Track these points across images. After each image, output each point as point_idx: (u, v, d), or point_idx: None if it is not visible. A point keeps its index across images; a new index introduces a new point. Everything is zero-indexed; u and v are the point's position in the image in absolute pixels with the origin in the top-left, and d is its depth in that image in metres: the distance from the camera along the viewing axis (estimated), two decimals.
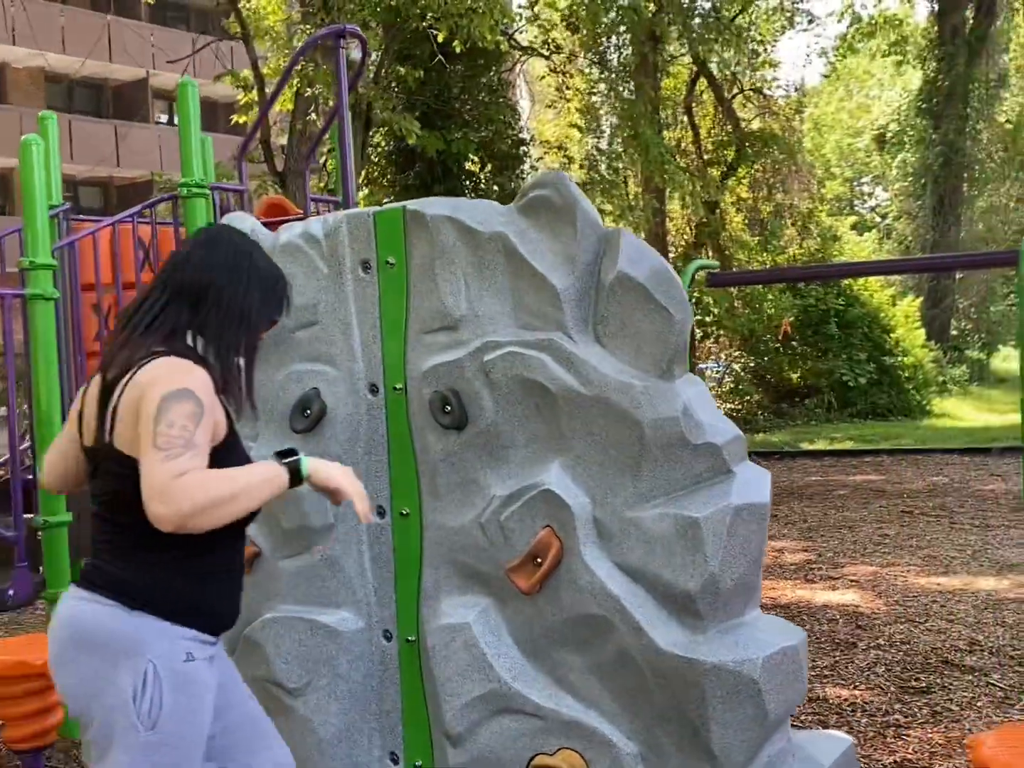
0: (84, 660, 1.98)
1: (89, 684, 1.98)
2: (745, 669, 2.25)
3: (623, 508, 2.44)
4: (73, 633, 2.01)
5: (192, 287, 2.10)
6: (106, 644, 1.97)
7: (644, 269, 2.43)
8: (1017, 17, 29.19)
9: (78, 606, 2.02)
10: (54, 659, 2.05)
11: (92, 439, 2.07)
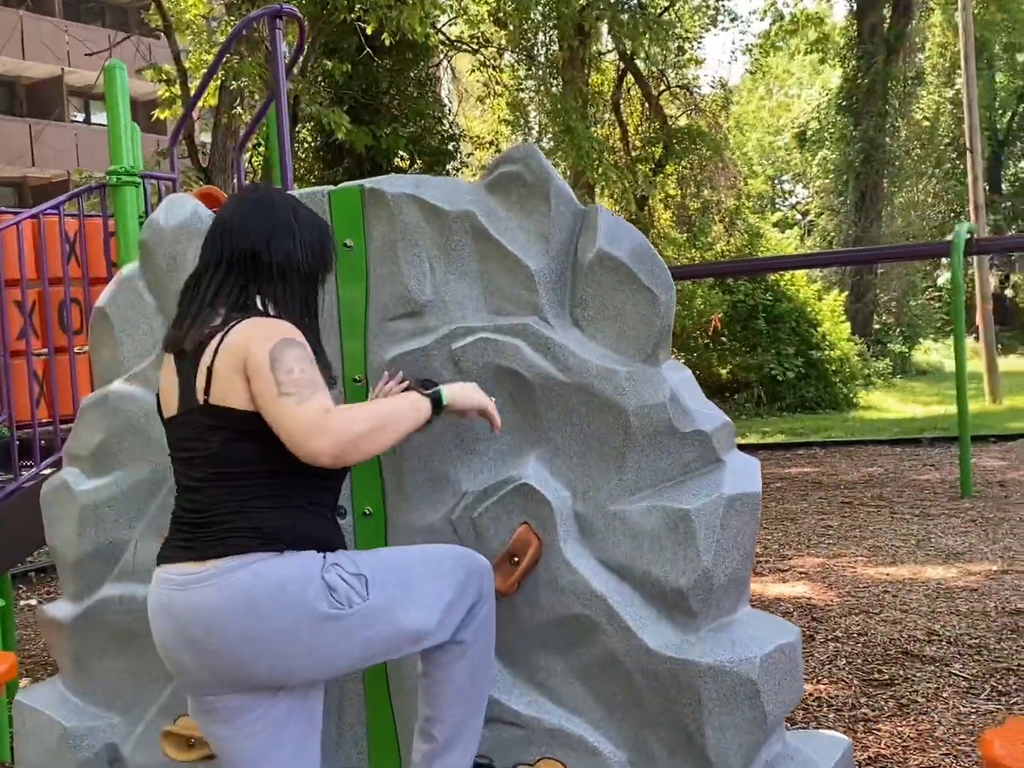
0: (274, 623, 1.94)
1: (290, 643, 1.95)
2: (743, 669, 2.12)
3: (607, 501, 2.29)
4: (243, 610, 1.94)
5: (244, 254, 2.12)
6: (280, 596, 1.95)
7: (625, 248, 2.29)
8: (932, 16, 29.82)
9: (227, 583, 1.95)
10: (241, 644, 1.94)
11: (177, 407, 2.10)
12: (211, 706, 2.04)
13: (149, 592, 2.10)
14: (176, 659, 2.03)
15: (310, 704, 2.10)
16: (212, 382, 2.01)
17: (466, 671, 2.19)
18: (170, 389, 2.14)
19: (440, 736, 2.20)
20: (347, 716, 2.67)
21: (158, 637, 2.06)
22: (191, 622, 1.97)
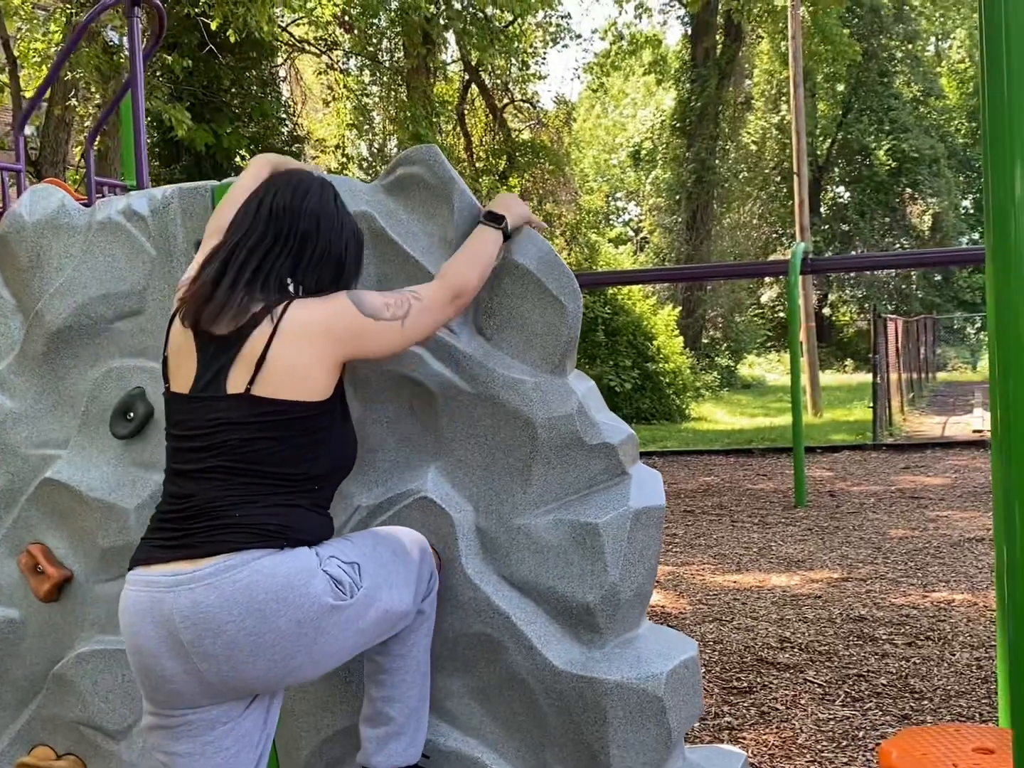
0: (278, 622, 1.85)
1: (293, 639, 1.87)
2: (649, 686, 2.09)
3: (511, 516, 2.23)
4: (245, 610, 1.84)
5: (295, 234, 2.03)
6: (287, 594, 1.86)
7: (531, 255, 2.23)
8: (761, 44, 31.13)
9: (230, 580, 1.85)
10: (238, 643, 1.83)
11: (192, 387, 1.98)
12: (179, 720, 1.90)
13: (124, 596, 1.93)
14: (157, 667, 1.87)
15: (271, 718, 2.00)
16: (261, 373, 1.93)
17: (423, 645, 2.16)
18: (184, 364, 2.01)
19: (399, 716, 2.13)
20: None
21: (138, 644, 1.89)
22: (184, 625, 1.84)
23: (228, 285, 1.99)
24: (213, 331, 1.98)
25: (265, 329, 1.94)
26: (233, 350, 1.96)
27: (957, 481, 10.06)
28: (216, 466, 1.94)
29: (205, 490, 1.93)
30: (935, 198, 33.99)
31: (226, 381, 1.95)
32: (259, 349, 1.93)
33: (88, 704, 2.49)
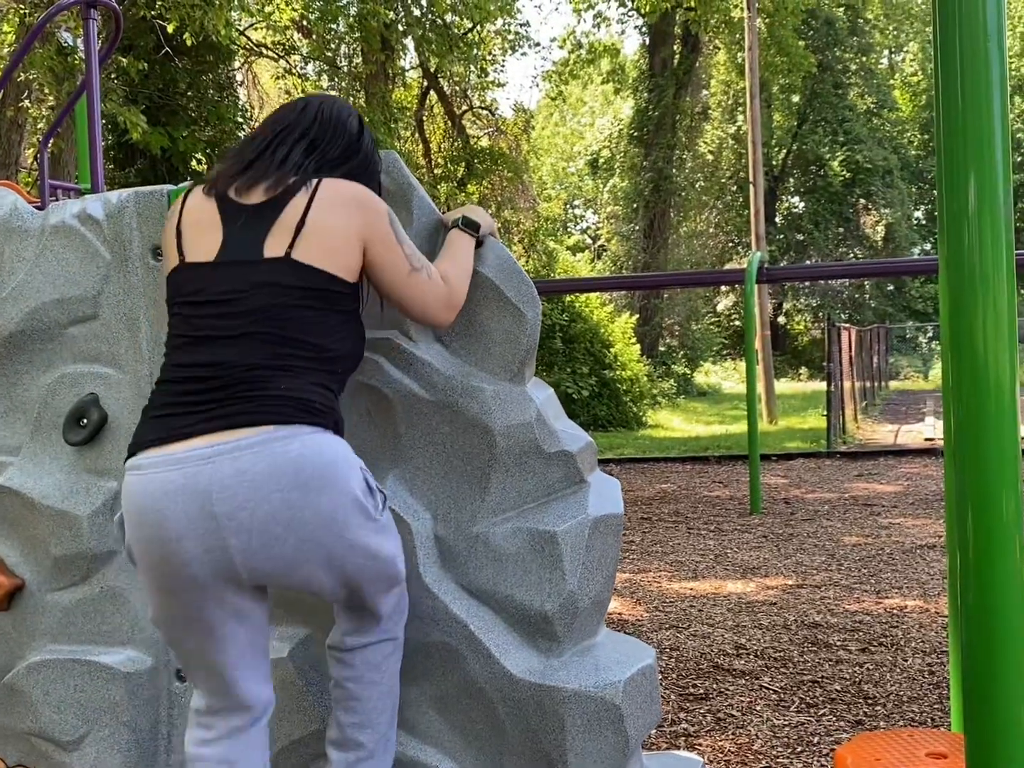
0: (320, 501, 1.86)
1: (327, 526, 1.87)
2: (607, 694, 2.09)
3: (469, 524, 2.22)
4: (291, 481, 1.83)
5: (340, 137, 2.13)
6: (331, 474, 1.88)
7: (490, 262, 2.23)
8: (718, 55, 31.41)
9: (281, 450, 1.84)
10: (278, 516, 1.82)
11: (219, 254, 1.98)
12: (193, 614, 1.90)
13: (137, 482, 1.87)
14: (179, 551, 1.83)
15: (267, 633, 2.05)
16: (300, 238, 1.96)
17: (393, 671, 2.13)
18: (206, 235, 2.01)
19: (369, 742, 2.11)
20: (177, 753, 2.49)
21: (158, 529, 1.83)
22: (223, 496, 1.81)
23: (267, 163, 2.05)
24: (244, 201, 2.02)
25: (302, 197, 1.99)
26: (269, 217, 1.98)
27: (909, 488, 10.19)
28: (254, 332, 1.92)
29: (244, 356, 1.90)
30: (888, 209, 34.46)
31: (262, 246, 1.97)
32: (298, 214, 1.97)
33: (40, 715, 2.45)
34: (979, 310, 1.56)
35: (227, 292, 1.95)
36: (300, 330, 1.94)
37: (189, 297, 2.00)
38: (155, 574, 1.89)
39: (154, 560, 1.87)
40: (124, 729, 2.45)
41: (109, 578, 2.48)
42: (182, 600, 1.89)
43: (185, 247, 2.03)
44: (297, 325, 1.94)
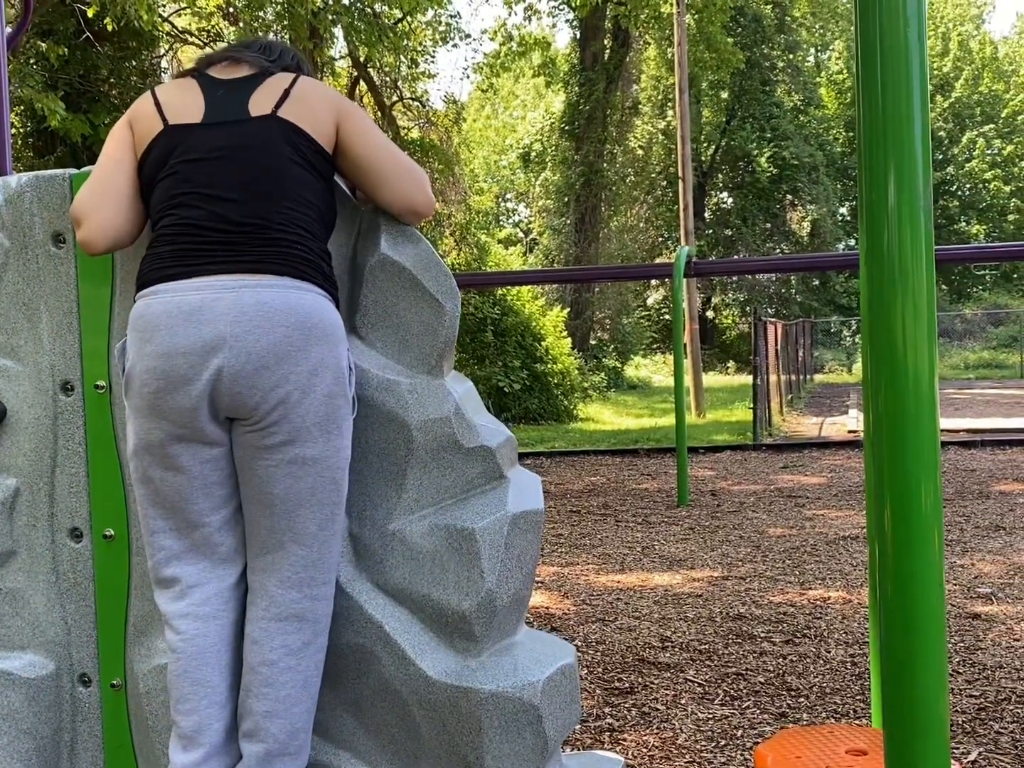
0: (313, 349, 1.97)
1: (313, 372, 1.98)
2: (525, 695, 2.04)
3: (385, 521, 2.16)
4: (300, 322, 1.96)
5: (293, 58, 2.30)
6: (330, 333, 2.01)
7: (408, 253, 2.17)
8: (648, 50, 31.58)
9: (297, 296, 1.98)
10: (276, 348, 1.94)
11: (204, 116, 2.07)
12: (177, 432, 1.99)
13: (153, 304, 1.98)
14: (183, 364, 1.94)
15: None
16: (288, 101, 2.08)
17: (314, 661, 2.07)
18: (187, 102, 2.11)
19: (281, 734, 2.03)
20: (81, 761, 2.39)
21: (171, 341, 1.94)
22: (237, 319, 1.93)
23: (240, 53, 2.20)
24: (224, 76, 2.15)
25: (284, 76, 2.14)
26: (250, 86, 2.12)
27: (833, 480, 10.33)
28: (259, 188, 2.01)
29: (259, 213, 2.00)
30: (814, 205, 34.98)
31: (247, 106, 2.08)
32: (284, 84, 2.12)
33: None
34: (898, 304, 1.54)
35: (222, 148, 2.03)
36: (299, 188, 2.04)
37: (182, 156, 2.06)
38: (151, 391, 1.97)
39: (155, 375, 1.96)
40: (24, 737, 2.34)
41: (7, 579, 2.37)
42: (171, 420, 1.97)
43: (166, 113, 2.11)
44: (292, 183, 2.03)
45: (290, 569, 2.03)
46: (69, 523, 2.36)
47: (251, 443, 2.00)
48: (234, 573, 2.10)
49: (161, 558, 2.08)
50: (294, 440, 1.98)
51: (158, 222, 2.06)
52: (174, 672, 2.05)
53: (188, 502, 2.03)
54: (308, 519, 2.02)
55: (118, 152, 2.14)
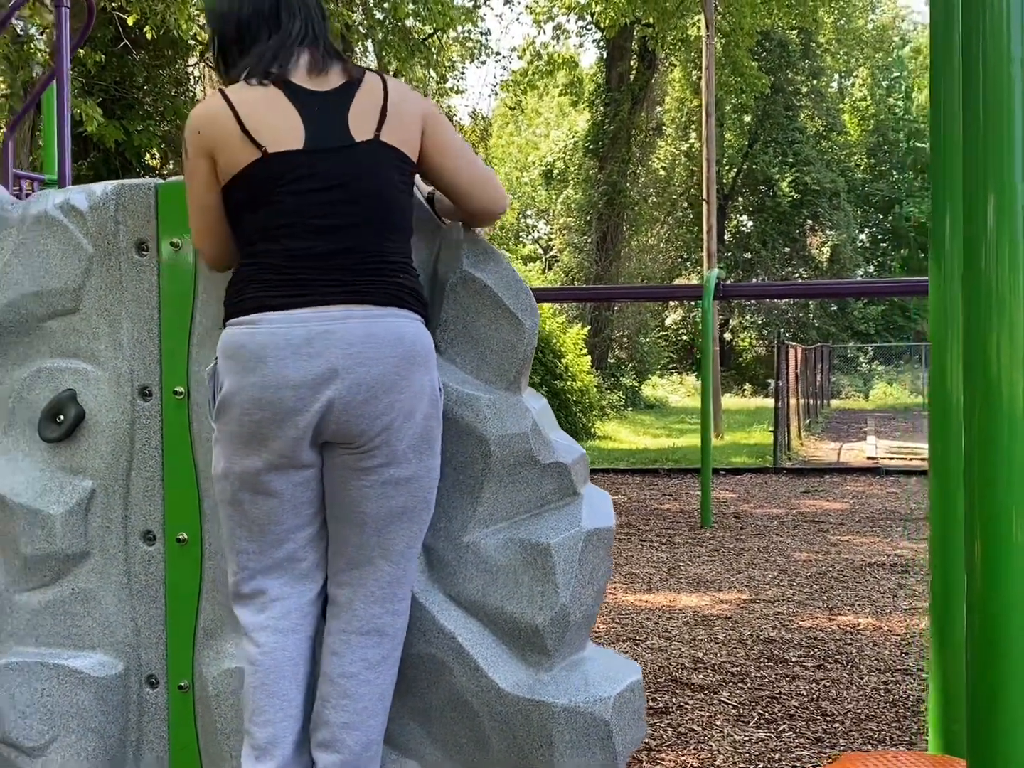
0: (415, 377, 2.01)
1: (415, 397, 2.02)
2: (597, 710, 2.07)
3: (459, 534, 2.19)
4: (407, 351, 2.01)
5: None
6: (429, 359, 2.06)
7: (490, 271, 2.21)
8: (673, 72, 31.70)
9: (402, 326, 2.02)
10: (384, 378, 1.98)
11: (305, 141, 2.01)
12: (276, 461, 2.01)
13: (253, 333, 1.98)
14: (293, 397, 1.96)
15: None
16: (387, 122, 2.05)
17: (392, 674, 2.11)
18: (280, 122, 2.02)
19: (357, 745, 2.06)
20: (146, 761, 2.42)
21: (280, 373, 1.95)
22: (348, 351, 1.95)
23: (297, 38, 2.09)
24: (314, 87, 2.06)
25: (375, 83, 2.08)
26: (344, 101, 2.05)
27: (855, 506, 10.32)
28: (367, 218, 2.01)
29: (362, 243, 2.01)
30: (834, 231, 34.98)
31: (345, 127, 2.03)
32: (378, 99, 2.06)
33: (3, 719, 2.37)
34: (994, 334, 1.57)
35: (329, 178, 2.00)
36: (401, 216, 2.07)
37: (287, 186, 2.01)
38: (254, 420, 1.98)
39: (259, 406, 1.97)
40: (92, 735, 2.38)
41: (80, 579, 2.41)
42: (272, 450, 1.99)
43: (259, 137, 2.02)
44: (398, 211, 2.06)
45: (375, 584, 2.06)
46: (142, 526, 2.40)
47: (347, 464, 2.03)
48: (314, 588, 2.13)
49: (245, 575, 2.10)
50: (391, 462, 2.01)
51: (253, 246, 2.05)
52: (251, 684, 2.07)
53: (277, 523, 2.06)
54: (398, 537, 2.05)
55: (208, 197, 2.10)
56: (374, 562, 2.06)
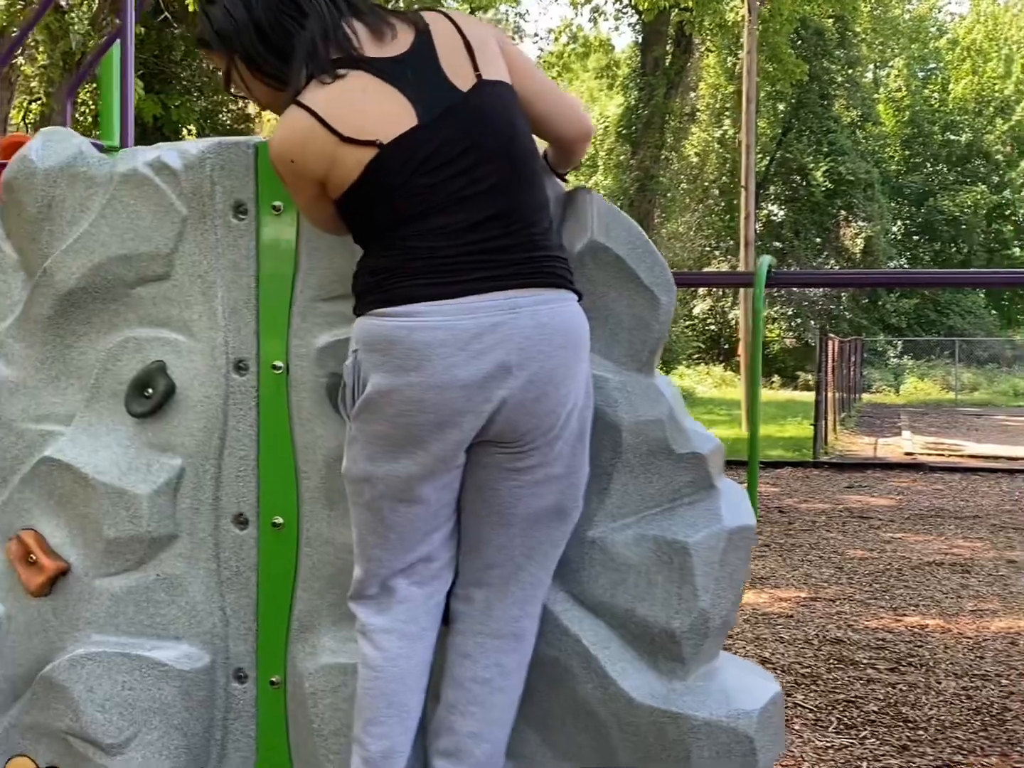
0: (580, 367, 1.87)
1: (578, 389, 1.86)
2: (740, 725, 1.89)
3: (584, 528, 2.01)
4: (576, 341, 1.85)
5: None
6: (588, 346, 1.90)
7: (621, 239, 2.02)
8: (708, 58, 31.33)
9: (568, 311, 1.85)
10: (556, 372, 1.81)
11: (420, 115, 1.78)
12: (434, 464, 1.83)
13: (412, 327, 1.77)
14: (459, 398, 1.77)
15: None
16: (477, 57, 1.82)
17: (521, 683, 1.96)
18: (379, 104, 1.79)
19: (483, 756, 1.91)
20: (230, 761, 2.27)
21: (447, 371, 1.75)
22: (522, 345, 1.77)
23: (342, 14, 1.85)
24: (393, 53, 1.82)
25: (442, 24, 1.84)
26: (427, 48, 1.82)
27: (902, 503, 10.10)
28: (503, 177, 1.81)
29: (508, 206, 1.80)
30: (867, 222, 34.56)
31: (446, 80, 1.81)
32: (456, 38, 1.83)
33: (81, 713, 2.21)
34: None
35: (458, 142, 1.79)
36: (533, 159, 1.88)
37: (420, 167, 1.78)
38: (414, 423, 1.79)
39: (422, 407, 1.77)
40: (175, 732, 2.22)
41: (166, 564, 2.25)
42: (431, 453, 1.81)
43: (369, 133, 1.77)
44: (529, 155, 1.87)
45: (516, 585, 1.90)
46: (234, 508, 2.24)
47: (500, 464, 1.86)
48: (442, 589, 1.96)
49: (374, 580, 1.93)
50: (546, 461, 1.84)
51: (392, 232, 1.82)
52: (369, 690, 1.90)
53: (415, 529, 1.89)
54: (545, 537, 1.89)
55: (323, 211, 1.92)
56: (517, 562, 1.90)
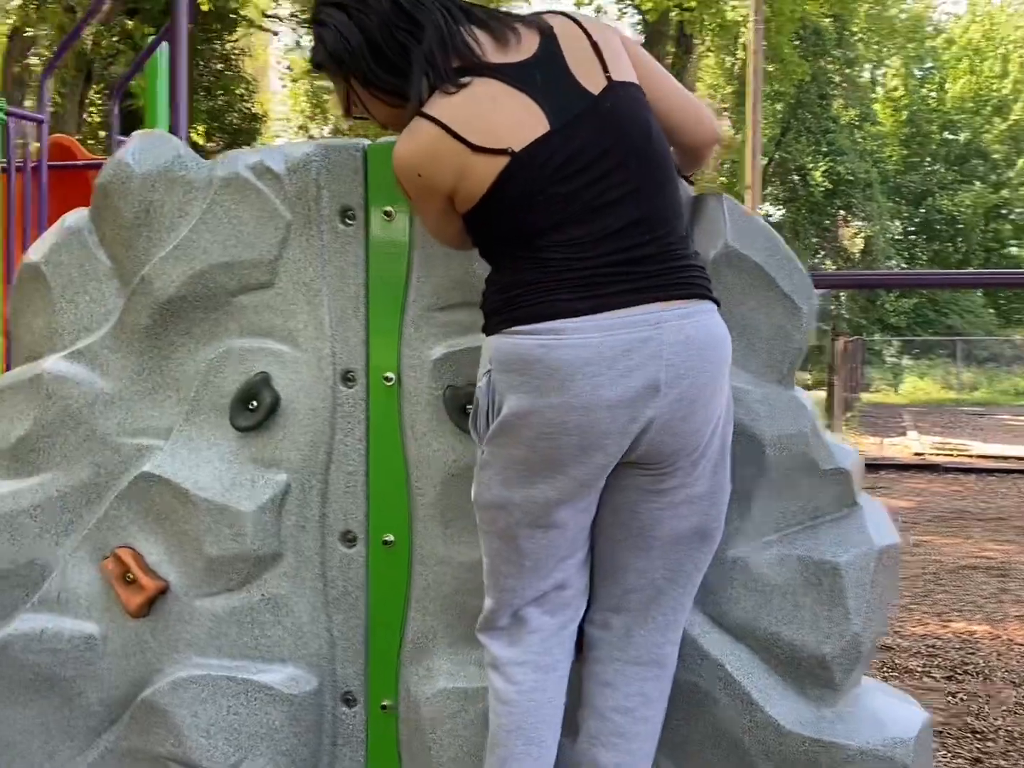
0: (725, 384, 1.77)
1: (722, 405, 1.77)
2: (898, 754, 1.81)
3: (724, 547, 1.93)
4: (722, 356, 1.76)
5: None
6: (730, 357, 1.80)
7: (758, 245, 1.94)
8: (707, 58, 31.28)
9: (712, 324, 1.76)
10: (704, 390, 1.72)
11: (552, 120, 1.70)
12: (557, 508, 1.75)
13: (552, 345, 1.67)
14: (605, 419, 1.67)
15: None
16: (604, 57, 1.74)
17: (662, 711, 1.87)
18: (509, 110, 1.71)
19: None
20: None
21: (593, 392, 1.66)
22: (670, 362, 1.67)
23: (457, 22, 1.76)
24: (520, 58, 1.74)
25: (563, 23, 1.77)
26: (554, 51, 1.75)
27: (922, 504, 10.04)
28: (640, 181, 1.72)
29: (647, 212, 1.72)
30: (867, 222, 34.56)
31: (580, 85, 1.73)
32: (578, 35, 1.76)
33: (185, 738, 2.12)
34: None
35: (593, 148, 1.71)
36: (668, 160, 1.79)
37: (555, 175, 1.70)
38: (555, 446, 1.69)
39: (565, 430, 1.68)
40: (282, 759, 2.13)
41: (271, 584, 2.16)
42: (572, 478, 1.71)
43: (501, 141, 1.70)
44: (664, 155, 1.78)
45: (658, 610, 1.82)
46: (342, 526, 2.15)
47: (640, 486, 1.77)
48: (575, 618, 1.88)
49: (507, 611, 1.85)
50: (688, 481, 1.76)
51: (527, 245, 1.74)
52: (504, 726, 1.81)
53: (551, 555, 1.80)
54: (687, 559, 1.81)
55: (450, 226, 1.85)
56: (658, 585, 1.81)
